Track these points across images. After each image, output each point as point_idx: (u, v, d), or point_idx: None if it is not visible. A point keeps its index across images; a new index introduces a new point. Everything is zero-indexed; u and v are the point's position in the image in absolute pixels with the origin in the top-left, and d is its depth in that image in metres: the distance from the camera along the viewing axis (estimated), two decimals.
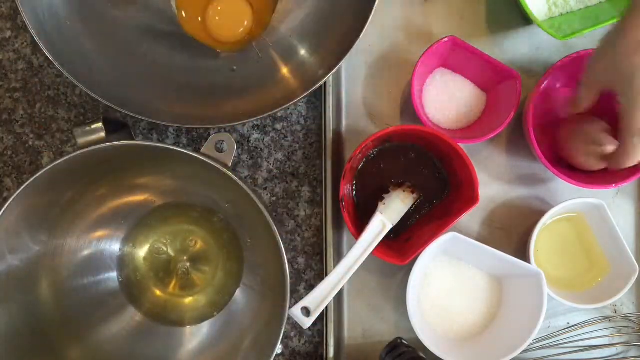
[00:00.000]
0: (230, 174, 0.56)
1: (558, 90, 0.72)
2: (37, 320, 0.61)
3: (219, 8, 0.71)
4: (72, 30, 0.63)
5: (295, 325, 0.72)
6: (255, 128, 0.73)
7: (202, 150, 0.59)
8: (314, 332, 0.72)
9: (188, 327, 0.68)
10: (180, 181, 0.67)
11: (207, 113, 0.66)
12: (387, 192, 0.67)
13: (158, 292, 0.69)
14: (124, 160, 0.60)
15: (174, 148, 0.55)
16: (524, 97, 0.68)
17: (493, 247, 0.66)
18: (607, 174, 0.67)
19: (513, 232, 0.73)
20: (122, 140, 0.55)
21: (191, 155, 0.56)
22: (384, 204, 0.66)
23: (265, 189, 0.73)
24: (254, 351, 0.61)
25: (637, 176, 0.65)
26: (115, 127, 0.62)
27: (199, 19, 0.71)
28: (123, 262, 0.69)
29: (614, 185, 0.66)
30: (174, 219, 0.69)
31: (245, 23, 0.71)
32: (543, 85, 0.66)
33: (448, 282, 0.70)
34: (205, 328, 0.68)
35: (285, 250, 0.56)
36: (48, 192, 0.58)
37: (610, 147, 0.60)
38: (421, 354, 0.65)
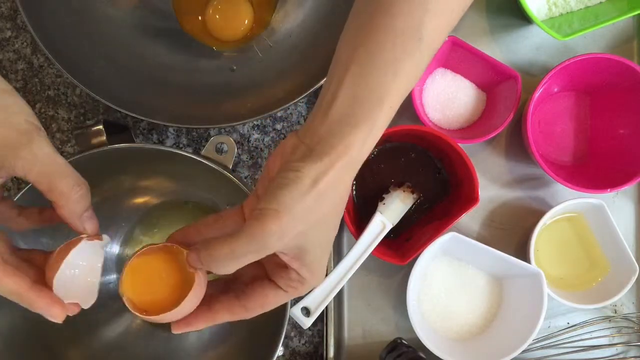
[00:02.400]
0: (230, 176, 0.56)
1: (557, 93, 0.72)
2: (38, 322, 0.60)
3: (220, 7, 0.71)
4: (72, 30, 0.63)
5: (295, 325, 0.72)
6: (255, 128, 0.73)
7: (203, 152, 0.59)
8: (314, 332, 0.72)
9: None
10: (181, 183, 0.67)
11: (207, 113, 0.66)
12: (387, 192, 0.67)
13: None
14: (125, 163, 0.60)
15: (175, 150, 0.56)
16: (524, 97, 0.68)
17: (493, 247, 0.66)
18: (606, 178, 0.67)
19: (513, 232, 0.73)
20: (122, 143, 0.55)
21: (192, 157, 0.56)
22: (384, 204, 0.66)
23: None
24: (255, 352, 0.62)
25: (635, 181, 0.65)
26: (116, 129, 0.62)
27: (199, 18, 0.71)
28: (122, 265, 0.69)
29: (608, 190, 0.66)
30: (175, 221, 0.69)
31: (246, 22, 0.71)
32: (542, 88, 0.66)
33: (448, 282, 0.70)
34: (206, 330, 0.68)
35: None
36: None
37: None
38: (421, 354, 0.65)
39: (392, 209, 0.65)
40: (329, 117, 0.39)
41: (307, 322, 0.61)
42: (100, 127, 0.57)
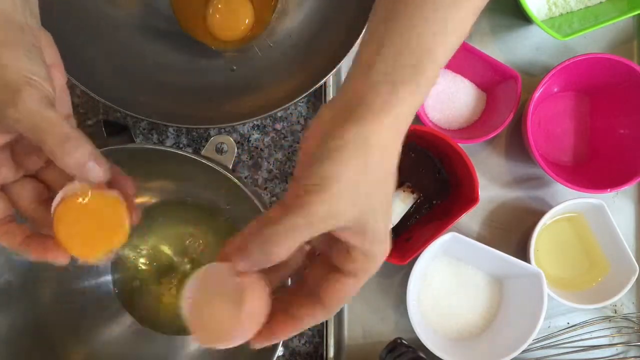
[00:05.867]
0: (230, 176, 0.56)
1: (557, 93, 0.72)
2: (38, 324, 0.61)
3: (220, 7, 0.71)
4: (72, 30, 0.63)
5: None
6: (255, 128, 0.73)
7: (203, 152, 0.59)
8: (314, 332, 0.72)
9: None
10: (181, 183, 0.66)
11: (207, 113, 0.66)
12: None
13: (159, 297, 0.69)
14: (124, 163, 0.60)
15: (175, 150, 0.55)
16: (524, 97, 0.68)
17: (493, 247, 0.66)
18: (606, 178, 0.67)
19: (513, 232, 0.73)
20: (122, 143, 0.55)
21: (192, 157, 0.55)
22: None
23: (266, 189, 0.73)
24: (255, 352, 0.61)
25: (635, 181, 0.65)
26: (116, 129, 0.62)
27: (199, 18, 0.71)
28: (120, 266, 0.68)
29: (608, 190, 0.66)
30: (175, 221, 0.69)
31: (246, 22, 0.71)
32: (542, 88, 0.66)
33: (448, 282, 0.70)
34: None
35: None
36: None
37: None
38: (421, 354, 0.65)
39: (392, 209, 0.65)
40: (369, 78, 0.36)
41: None
42: (100, 127, 0.57)
